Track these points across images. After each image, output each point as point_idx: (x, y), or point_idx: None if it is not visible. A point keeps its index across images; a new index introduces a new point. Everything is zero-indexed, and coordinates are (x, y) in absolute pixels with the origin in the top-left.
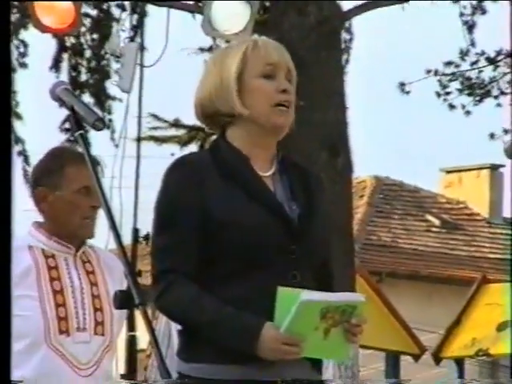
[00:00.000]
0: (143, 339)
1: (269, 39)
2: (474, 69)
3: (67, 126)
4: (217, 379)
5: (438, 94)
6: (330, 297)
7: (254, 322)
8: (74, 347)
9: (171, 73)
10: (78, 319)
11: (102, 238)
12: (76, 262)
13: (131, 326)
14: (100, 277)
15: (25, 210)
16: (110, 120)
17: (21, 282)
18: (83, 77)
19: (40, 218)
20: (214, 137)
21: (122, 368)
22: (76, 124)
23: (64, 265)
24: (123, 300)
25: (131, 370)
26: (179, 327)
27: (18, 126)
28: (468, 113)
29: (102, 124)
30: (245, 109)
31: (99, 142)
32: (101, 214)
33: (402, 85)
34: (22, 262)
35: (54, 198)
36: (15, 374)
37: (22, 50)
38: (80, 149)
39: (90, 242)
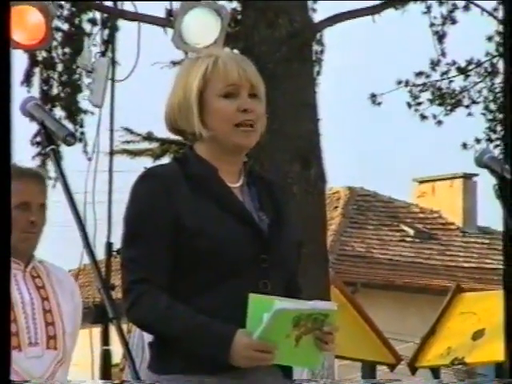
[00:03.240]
0: (117, 353)
1: (232, 54)
2: (445, 79)
3: (38, 139)
4: None
5: (409, 105)
6: (302, 305)
7: (226, 329)
8: (26, 362)
9: (143, 87)
10: (30, 334)
11: (75, 252)
12: (25, 277)
13: (105, 340)
14: (51, 291)
15: None
16: (83, 133)
17: None
18: (55, 90)
19: None
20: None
21: (97, 382)
22: (47, 139)
23: (13, 281)
24: (97, 314)
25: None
26: (151, 339)
27: None
28: (440, 122)
29: (73, 139)
30: (206, 129)
31: (72, 155)
32: (74, 229)
33: (373, 96)
34: None
35: None
36: None
37: None
38: (52, 163)
39: (41, 256)
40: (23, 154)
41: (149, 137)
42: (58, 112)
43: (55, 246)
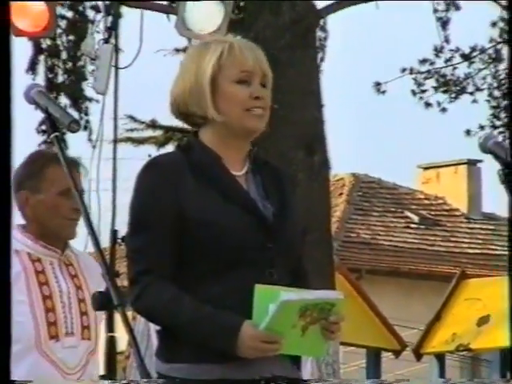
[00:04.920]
0: (122, 340)
1: (245, 41)
2: (449, 66)
3: (44, 127)
4: (196, 379)
5: (414, 92)
6: (308, 295)
7: (233, 320)
8: (62, 352)
9: (147, 74)
10: (66, 324)
11: (80, 240)
12: (61, 265)
13: (110, 327)
14: (83, 280)
15: None
16: (88, 121)
17: (12, 287)
18: (60, 78)
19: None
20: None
21: (100, 369)
22: (51, 126)
23: (50, 269)
24: (102, 301)
25: (110, 371)
26: (158, 328)
27: None
28: (444, 110)
29: (77, 126)
30: (217, 113)
31: (76, 143)
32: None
33: (378, 84)
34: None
35: (35, 201)
36: None
37: None
38: (56, 151)
39: (69, 243)
40: (29, 142)
41: (153, 124)
42: (63, 100)
43: None
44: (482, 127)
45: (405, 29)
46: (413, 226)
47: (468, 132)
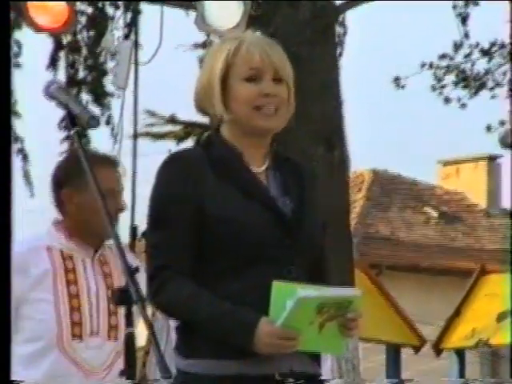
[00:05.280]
0: (141, 336)
1: (260, 38)
2: (469, 61)
3: (65, 124)
4: (215, 374)
5: (434, 88)
6: (326, 291)
7: (250, 317)
8: (86, 352)
9: (166, 69)
10: (92, 323)
11: None
12: (94, 264)
13: (129, 322)
14: (117, 279)
15: (29, 211)
16: (110, 116)
17: (38, 284)
18: (81, 74)
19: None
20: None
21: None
22: (71, 122)
23: (81, 267)
24: (121, 297)
25: (130, 366)
26: (177, 323)
27: (17, 124)
28: (464, 105)
29: (95, 122)
30: (227, 112)
31: (99, 139)
32: None
33: (397, 79)
34: (40, 263)
35: (80, 200)
36: (25, 375)
37: (16, 49)
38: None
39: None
40: (51, 138)
41: (172, 119)
42: (85, 96)
43: None
44: (502, 123)
45: (424, 24)
46: (433, 221)
47: (489, 128)
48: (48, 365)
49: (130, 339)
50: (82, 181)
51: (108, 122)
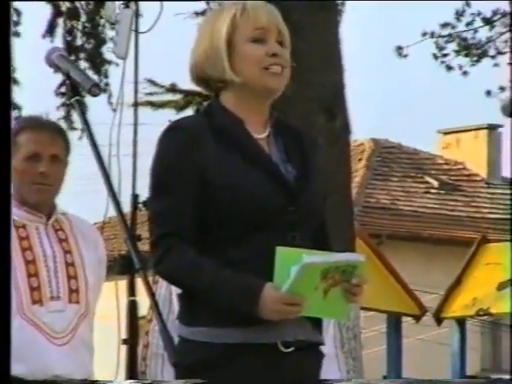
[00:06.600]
0: (143, 305)
1: (259, 1)
2: (471, 29)
3: (62, 90)
4: (218, 342)
5: (436, 56)
6: (331, 257)
7: (255, 283)
8: (48, 316)
9: (167, 38)
10: (52, 288)
11: (101, 205)
12: (47, 230)
13: (132, 291)
14: (73, 244)
15: None
16: (107, 84)
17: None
18: (78, 41)
19: None
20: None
21: (123, 333)
22: (72, 90)
23: (35, 234)
24: (123, 265)
25: (132, 335)
26: (179, 291)
27: (15, 92)
28: (465, 73)
29: (98, 90)
30: (235, 74)
31: (96, 107)
32: (99, 182)
33: (400, 48)
34: None
35: (12, 166)
36: None
37: (15, 18)
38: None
39: (64, 209)
40: (48, 104)
41: (172, 88)
42: (82, 63)
43: (79, 199)
44: (502, 88)
45: None
46: (433, 191)
47: (488, 92)
48: (12, 332)
49: (132, 307)
50: (14, 147)
51: (105, 90)
